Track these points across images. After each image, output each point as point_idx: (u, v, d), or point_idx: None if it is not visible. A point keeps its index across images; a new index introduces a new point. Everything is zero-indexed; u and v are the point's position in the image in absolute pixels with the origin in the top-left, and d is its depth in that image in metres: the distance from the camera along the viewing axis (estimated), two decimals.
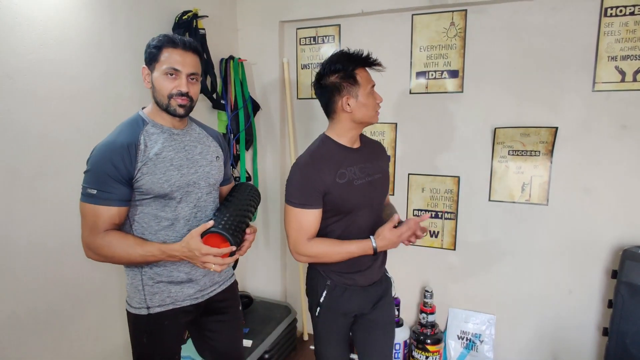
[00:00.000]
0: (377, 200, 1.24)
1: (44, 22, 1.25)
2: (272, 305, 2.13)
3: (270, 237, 2.29)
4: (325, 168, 1.13)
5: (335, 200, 1.13)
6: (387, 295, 1.32)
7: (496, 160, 1.82)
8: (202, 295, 1.16)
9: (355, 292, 1.22)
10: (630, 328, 1.56)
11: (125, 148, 0.99)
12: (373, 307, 1.27)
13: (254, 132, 2.09)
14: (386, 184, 1.29)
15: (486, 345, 1.91)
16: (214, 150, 1.18)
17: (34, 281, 1.27)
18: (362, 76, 1.13)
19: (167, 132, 1.08)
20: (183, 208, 1.08)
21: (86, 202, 0.99)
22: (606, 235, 1.70)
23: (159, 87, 1.03)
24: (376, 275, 1.26)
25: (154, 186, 1.02)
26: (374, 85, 1.17)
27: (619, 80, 1.62)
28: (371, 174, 1.21)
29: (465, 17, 1.79)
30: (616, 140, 1.65)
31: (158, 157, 1.03)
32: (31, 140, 1.24)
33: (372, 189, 1.21)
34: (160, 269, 1.09)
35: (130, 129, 1.03)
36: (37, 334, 1.29)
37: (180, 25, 1.72)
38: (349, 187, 1.14)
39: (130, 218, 1.06)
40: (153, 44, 1.04)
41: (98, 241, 0.99)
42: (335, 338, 1.27)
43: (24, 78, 1.21)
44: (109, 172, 0.97)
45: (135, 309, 1.10)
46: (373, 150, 1.29)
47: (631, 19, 1.58)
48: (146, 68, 1.06)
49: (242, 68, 2.04)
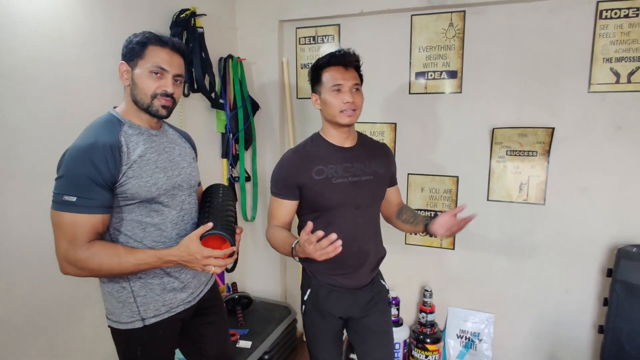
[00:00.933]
0: (365, 203, 1.21)
1: (38, 20, 1.22)
2: (272, 306, 2.11)
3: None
4: (303, 163, 1.18)
5: (310, 195, 1.18)
6: (381, 302, 1.28)
7: (494, 160, 1.84)
8: (194, 298, 1.13)
9: (342, 294, 1.22)
10: (625, 326, 1.58)
11: (108, 149, 0.91)
12: (365, 312, 1.26)
13: (253, 131, 2.08)
14: (378, 187, 1.26)
15: (485, 344, 1.93)
16: (189, 152, 1.16)
17: (28, 285, 1.24)
18: (328, 76, 1.16)
19: (146, 133, 1.02)
20: (170, 212, 1.04)
21: (62, 211, 0.89)
22: (602, 235, 1.73)
23: (142, 85, 0.98)
24: (365, 279, 1.24)
25: (141, 190, 0.96)
26: (339, 86, 1.14)
27: (614, 81, 1.65)
28: (357, 175, 1.20)
29: (464, 18, 1.81)
30: (611, 140, 1.68)
31: (142, 160, 0.97)
32: (24, 141, 1.21)
33: (356, 189, 1.19)
34: (150, 277, 1.03)
35: (107, 129, 0.95)
36: (32, 338, 1.26)
37: (178, 23, 1.70)
38: (325, 184, 1.17)
39: (110, 227, 0.98)
40: (136, 40, 0.98)
41: (80, 254, 0.89)
42: (325, 339, 1.27)
43: (17, 77, 1.18)
44: (90, 175, 0.89)
45: (127, 324, 1.02)
46: (371, 152, 1.27)
47: (626, 22, 1.62)
48: (125, 64, 0.99)
49: (241, 67, 2.02)
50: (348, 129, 1.22)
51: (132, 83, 0.99)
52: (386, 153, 1.32)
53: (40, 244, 1.26)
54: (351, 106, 1.15)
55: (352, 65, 1.18)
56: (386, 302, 1.32)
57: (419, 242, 2.02)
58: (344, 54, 1.18)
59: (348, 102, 1.14)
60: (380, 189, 1.27)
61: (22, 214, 1.21)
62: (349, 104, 1.14)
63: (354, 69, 1.19)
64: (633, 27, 1.61)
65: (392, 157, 1.37)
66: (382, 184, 1.28)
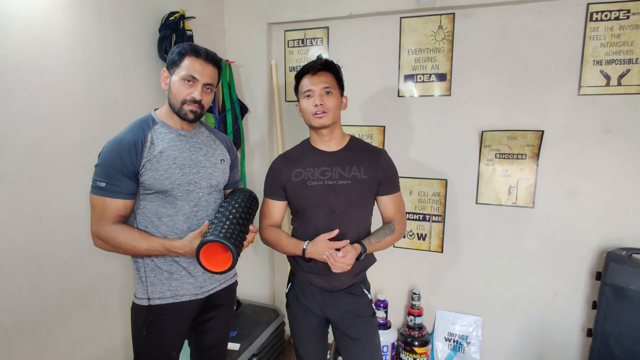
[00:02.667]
0: (340, 207, 1.20)
1: (28, 22, 1.22)
2: (260, 309, 2.13)
3: (258, 241, 2.28)
4: (286, 166, 1.27)
5: (289, 196, 1.26)
6: (362, 312, 1.26)
7: (483, 163, 1.83)
8: (202, 292, 1.18)
9: (318, 293, 1.27)
10: (614, 329, 1.58)
11: (132, 144, 1.06)
12: (344, 318, 1.26)
13: (241, 134, 2.08)
14: (357, 193, 1.21)
15: (473, 347, 1.93)
16: (219, 154, 1.23)
17: (17, 287, 1.26)
18: (303, 84, 1.23)
19: (175, 132, 1.14)
20: (183, 206, 1.13)
21: (95, 194, 1.06)
22: (591, 238, 1.72)
23: (175, 91, 1.10)
24: (339, 284, 1.24)
25: (155, 182, 1.08)
26: (309, 91, 1.20)
27: (604, 84, 1.63)
28: (334, 179, 1.21)
29: (453, 20, 1.79)
30: (601, 143, 1.66)
31: (162, 155, 1.09)
32: (14, 143, 1.22)
33: (331, 193, 1.20)
34: (161, 261, 1.13)
35: (139, 127, 1.10)
36: (21, 340, 1.28)
37: (167, 26, 1.70)
38: (301, 185, 1.23)
39: (135, 211, 1.12)
40: (177, 50, 1.11)
41: (105, 231, 1.06)
42: (306, 333, 1.31)
43: (6, 79, 1.18)
44: (116, 166, 1.04)
45: (138, 300, 1.14)
46: (356, 157, 1.25)
47: (616, 24, 1.59)
48: (166, 71, 1.13)
49: (229, 70, 2.02)
50: (328, 132, 1.23)
51: (169, 88, 1.12)
52: (376, 159, 1.26)
53: (28, 245, 1.28)
54: (320, 108, 1.18)
55: (322, 69, 1.21)
56: (369, 313, 1.29)
57: (407, 245, 2.02)
58: (314, 61, 1.22)
59: (317, 105, 1.18)
60: (360, 196, 1.23)
61: (11, 215, 1.22)
62: (318, 106, 1.18)
63: (327, 73, 1.21)
64: (624, 29, 1.59)
65: (385, 164, 1.27)
66: (363, 190, 1.23)
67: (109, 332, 1.59)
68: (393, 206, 1.29)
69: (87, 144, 1.42)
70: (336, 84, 1.23)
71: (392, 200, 1.28)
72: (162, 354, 1.16)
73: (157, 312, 1.13)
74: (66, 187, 1.37)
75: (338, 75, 1.25)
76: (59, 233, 1.37)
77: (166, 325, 1.14)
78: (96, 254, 1.49)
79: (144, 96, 1.66)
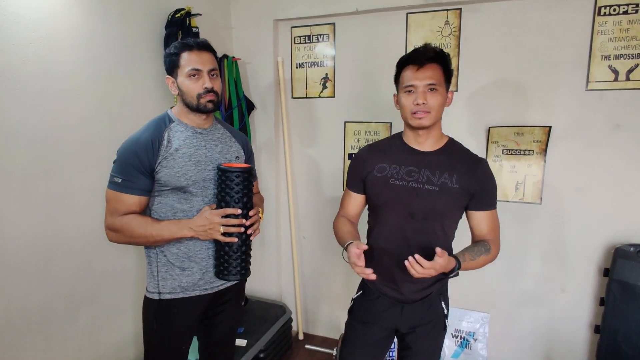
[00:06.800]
0: (420, 213, 1.09)
1: (35, 20, 1.23)
2: (268, 305, 2.13)
3: (266, 237, 2.29)
4: (371, 159, 1.18)
5: (368, 190, 1.18)
6: (433, 325, 1.17)
7: (490, 159, 1.82)
8: (211, 287, 1.20)
9: (389, 303, 1.17)
10: (622, 325, 1.57)
11: (149, 143, 1.08)
12: (413, 330, 1.18)
13: (248, 131, 2.08)
14: (443, 201, 1.09)
15: (480, 344, 1.93)
16: (235, 151, 1.24)
17: (26, 281, 1.27)
18: (404, 76, 1.09)
19: (191, 130, 1.15)
20: (198, 201, 1.14)
21: (111, 189, 1.08)
22: (598, 234, 1.71)
23: (187, 89, 1.10)
24: (413, 296, 1.15)
25: (171, 179, 1.09)
26: (411, 87, 1.07)
27: (612, 79, 1.63)
28: (420, 182, 1.09)
29: (460, 15, 1.79)
30: (609, 139, 1.65)
31: (177, 152, 1.10)
32: (22, 139, 1.23)
33: (413, 196, 1.09)
34: (173, 257, 1.14)
35: (156, 126, 1.12)
36: (30, 334, 1.29)
37: (173, 23, 1.70)
38: (383, 182, 1.14)
39: (150, 207, 1.14)
40: (170, 52, 1.11)
41: (118, 221, 1.08)
42: (360, 344, 1.21)
43: (14, 77, 1.19)
44: (133, 163, 1.06)
45: (150, 293, 1.16)
46: (450, 163, 1.11)
47: (624, 18, 1.58)
48: (170, 77, 1.13)
49: (236, 67, 2.02)
50: (425, 132, 1.11)
51: (180, 91, 1.12)
52: (472, 169, 1.10)
53: (37, 241, 1.29)
54: (422, 108, 1.04)
55: (429, 62, 1.04)
56: (440, 327, 1.20)
57: None
58: (420, 50, 1.05)
59: (418, 104, 1.04)
60: (445, 206, 1.09)
61: (19, 212, 1.24)
62: (420, 105, 1.04)
63: (435, 66, 1.05)
64: (632, 23, 1.58)
65: (483, 176, 1.11)
66: (450, 201, 1.09)
67: (119, 328, 1.60)
68: (488, 224, 1.14)
69: (95, 141, 1.43)
70: (443, 79, 1.07)
71: (487, 217, 1.13)
72: (171, 348, 1.18)
73: (167, 306, 1.15)
74: (75, 184, 1.38)
75: (447, 67, 1.08)
76: (68, 229, 1.38)
77: (176, 319, 1.16)
78: (105, 250, 1.50)
79: (151, 93, 1.66)
